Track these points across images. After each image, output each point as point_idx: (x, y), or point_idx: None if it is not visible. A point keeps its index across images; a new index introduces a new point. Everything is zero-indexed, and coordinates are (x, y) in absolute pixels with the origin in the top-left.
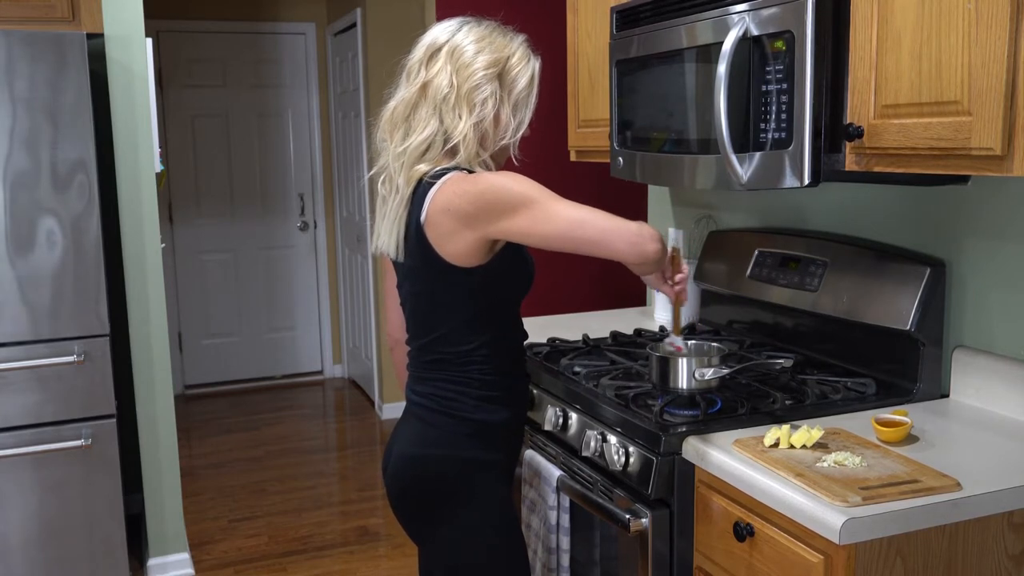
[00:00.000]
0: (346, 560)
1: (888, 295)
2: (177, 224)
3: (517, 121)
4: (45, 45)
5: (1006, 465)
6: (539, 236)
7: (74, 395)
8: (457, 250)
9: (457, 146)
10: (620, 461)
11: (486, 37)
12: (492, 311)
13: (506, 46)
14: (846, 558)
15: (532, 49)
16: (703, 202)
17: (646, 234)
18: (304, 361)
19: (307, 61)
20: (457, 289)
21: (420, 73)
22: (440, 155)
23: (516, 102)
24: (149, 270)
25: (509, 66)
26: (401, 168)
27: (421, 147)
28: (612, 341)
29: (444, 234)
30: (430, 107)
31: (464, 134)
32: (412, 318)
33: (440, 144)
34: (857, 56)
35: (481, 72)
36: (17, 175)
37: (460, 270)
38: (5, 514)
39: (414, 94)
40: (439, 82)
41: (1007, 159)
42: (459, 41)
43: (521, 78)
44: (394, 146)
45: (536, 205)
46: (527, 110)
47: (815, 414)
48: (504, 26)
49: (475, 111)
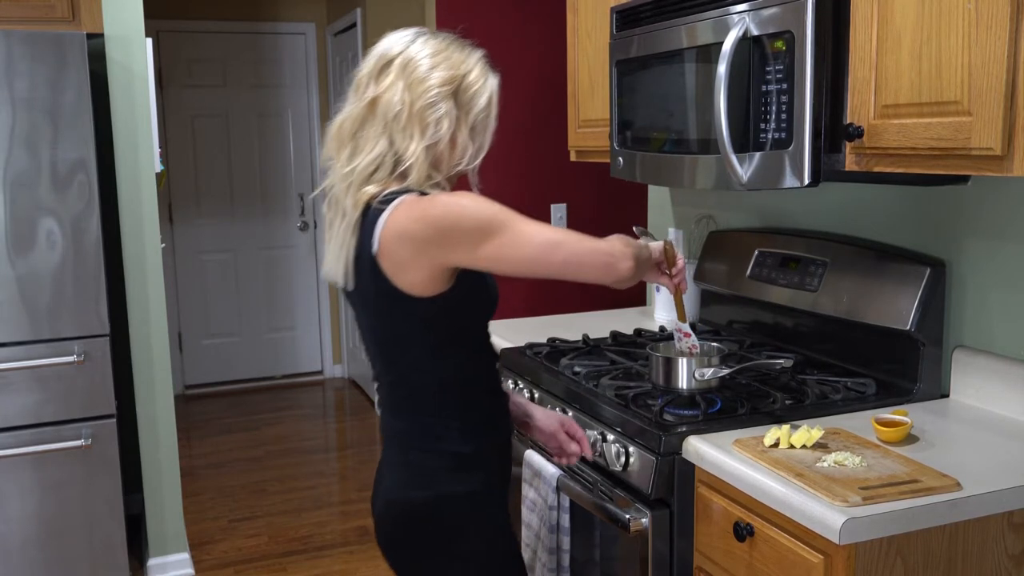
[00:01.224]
0: (346, 560)
1: (888, 295)
2: (177, 224)
3: (476, 145)
4: (45, 45)
5: (1006, 465)
6: (510, 262)
7: (74, 395)
8: (414, 280)
9: (408, 169)
10: (620, 461)
11: (442, 51)
12: (458, 339)
13: (463, 62)
14: (846, 558)
15: (490, 66)
16: (703, 202)
17: (617, 253)
18: (304, 361)
19: (307, 61)
20: (417, 320)
21: (369, 87)
22: (389, 177)
23: (474, 124)
24: (149, 270)
25: (466, 83)
26: (348, 190)
27: (369, 168)
28: (612, 341)
29: (399, 263)
30: (379, 125)
31: (415, 156)
32: (376, 353)
33: (390, 165)
34: (857, 56)
35: (436, 89)
36: (17, 175)
37: (419, 300)
38: (5, 514)
39: (362, 110)
40: (389, 98)
41: (1007, 159)
42: (413, 54)
43: (479, 97)
44: (340, 166)
45: (505, 228)
46: (486, 134)
47: (815, 414)
48: (462, 39)
49: (428, 132)
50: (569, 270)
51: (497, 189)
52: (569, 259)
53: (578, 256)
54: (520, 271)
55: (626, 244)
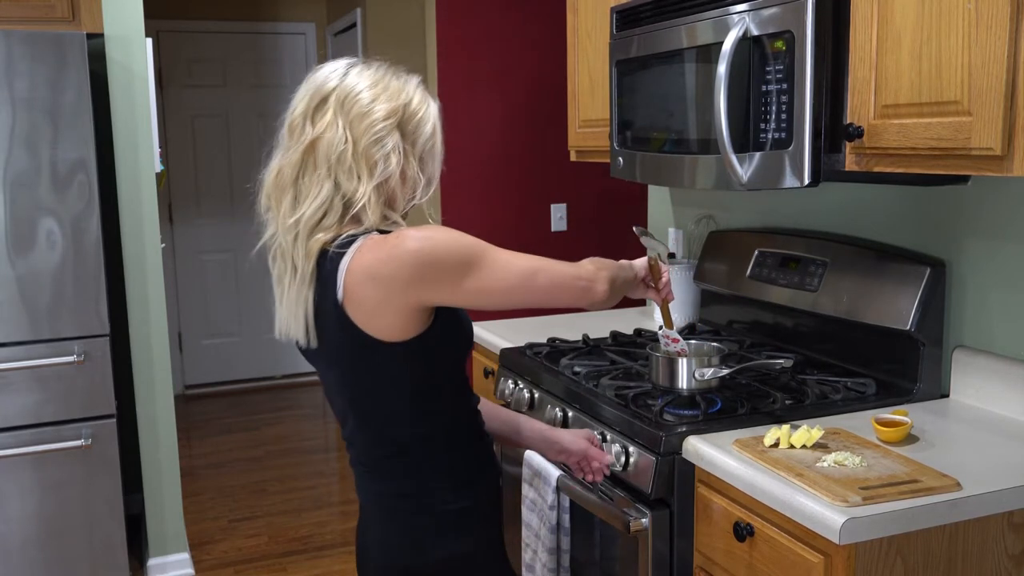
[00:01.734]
0: (346, 560)
1: (888, 295)
2: (177, 224)
3: (427, 176)
4: (45, 45)
5: (1006, 465)
6: (494, 293)
7: (74, 395)
8: (387, 324)
9: (360, 212)
10: (620, 461)
11: (380, 81)
12: (437, 384)
13: (402, 90)
14: (846, 558)
15: (427, 91)
16: (703, 202)
17: (591, 276)
18: (304, 361)
19: (307, 61)
20: (393, 368)
21: (306, 128)
22: (339, 223)
23: (422, 154)
24: (149, 270)
25: (409, 113)
26: (294, 241)
27: (316, 215)
28: (612, 341)
29: (370, 308)
30: (322, 168)
31: (366, 197)
32: (351, 410)
33: (339, 209)
34: (857, 56)
35: (380, 123)
36: (17, 175)
37: (394, 345)
38: (5, 514)
39: (301, 153)
40: (331, 138)
41: (1007, 159)
42: (350, 87)
43: (424, 126)
44: (282, 216)
45: (484, 259)
46: (435, 163)
47: (815, 414)
48: (395, 66)
49: (377, 170)
50: (551, 296)
51: (497, 189)
52: (549, 285)
53: (557, 280)
54: (503, 302)
55: (599, 267)
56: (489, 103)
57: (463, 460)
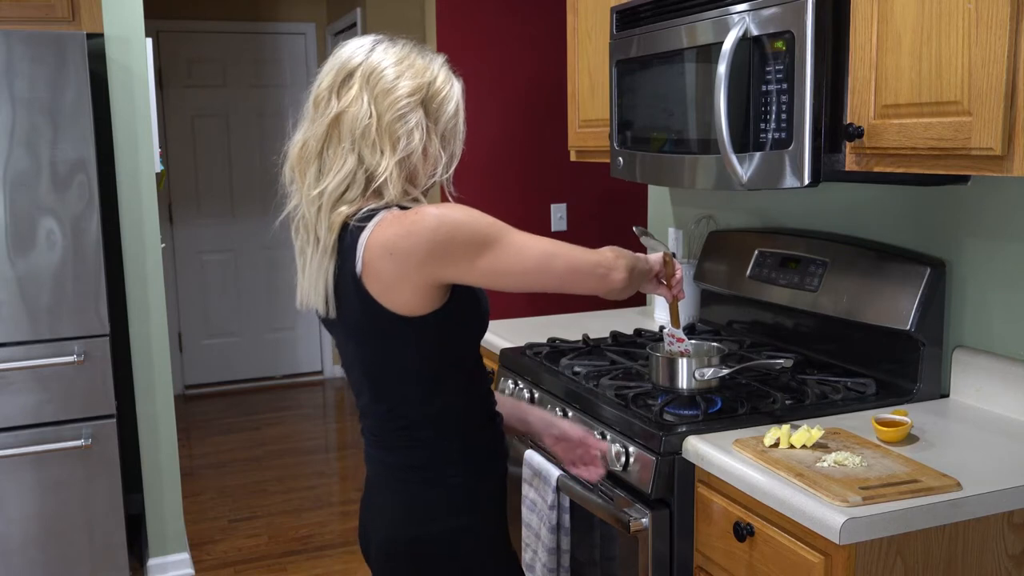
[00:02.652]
0: (346, 560)
1: (888, 295)
2: (177, 224)
3: (448, 154)
4: (45, 45)
5: (1006, 465)
6: (509, 275)
7: (74, 395)
8: (404, 299)
9: (382, 186)
10: (620, 461)
11: (405, 59)
12: (453, 362)
13: (427, 68)
14: (846, 558)
15: (453, 70)
16: (703, 202)
17: (610, 264)
18: (304, 361)
19: (307, 61)
20: (409, 343)
21: (331, 102)
22: (362, 196)
23: (444, 133)
24: (149, 270)
25: (433, 91)
26: (318, 213)
27: (339, 188)
28: (612, 341)
29: (388, 282)
30: (346, 142)
31: (388, 172)
32: (366, 382)
33: (362, 183)
34: (857, 56)
35: (404, 100)
36: (17, 175)
37: (410, 320)
38: (5, 514)
39: (326, 127)
40: (355, 112)
41: (1007, 159)
42: (375, 63)
43: (448, 104)
44: (306, 188)
45: (501, 240)
46: (457, 141)
47: (815, 414)
48: (420, 45)
49: (400, 145)
50: (567, 281)
51: (497, 189)
52: (566, 270)
53: (575, 266)
54: (519, 284)
55: (618, 255)
56: (489, 103)
57: (474, 438)
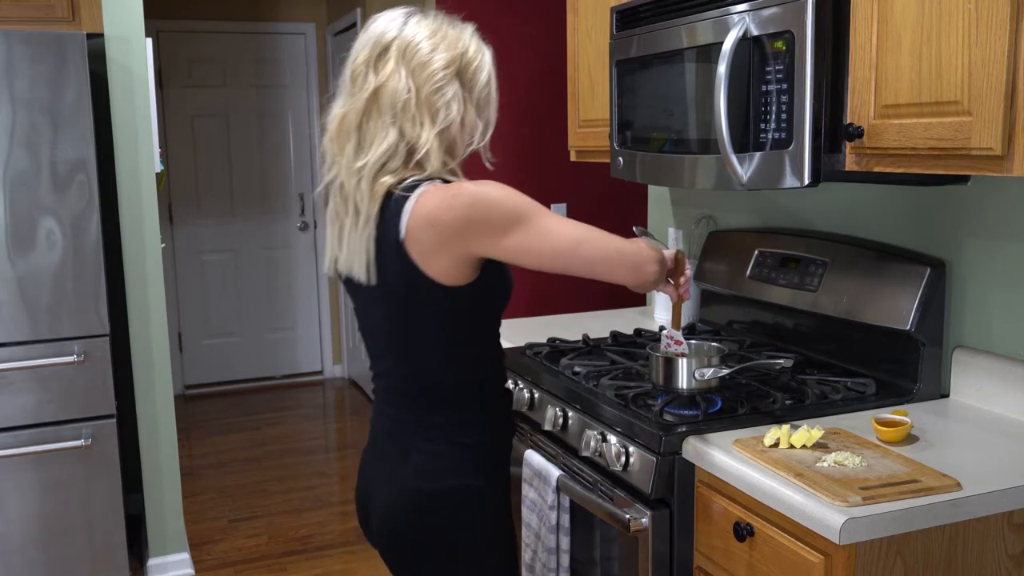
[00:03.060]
0: (346, 560)
1: (888, 295)
2: (177, 224)
3: (484, 122)
4: (45, 45)
5: (1006, 465)
6: (535, 255)
7: (74, 395)
8: (442, 267)
9: (423, 157)
10: (620, 461)
11: (438, 31)
12: (476, 332)
13: (459, 39)
14: (846, 558)
15: (483, 38)
16: (703, 202)
17: (645, 256)
18: (304, 361)
19: (307, 61)
20: (440, 309)
21: (369, 77)
22: (403, 167)
23: (479, 101)
24: (149, 270)
25: (467, 61)
26: (358, 184)
27: (381, 160)
28: (612, 341)
29: (428, 250)
30: (386, 115)
31: (429, 144)
32: (389, 347)
33: (403, 155)
34: (857, 56)
35: (441, 72)
36: (17, 175)
37: (444, 289)
38: (5, 514)
39: (365, 101)
40: (394, 86)
41: (1007, 159)
42: (410, 36)
43: (481, 73)
44: (346, 160)
45: (531, 221)
46: (491, 108)
47: (815, 414)
48: (450, 15)
49: (439, 117)
50: (594, 268)
51: None
52: (594, 257)
53: (603, 254)
54: (544, 264)
55: (651, 247)
56: None
57: (488, 405)
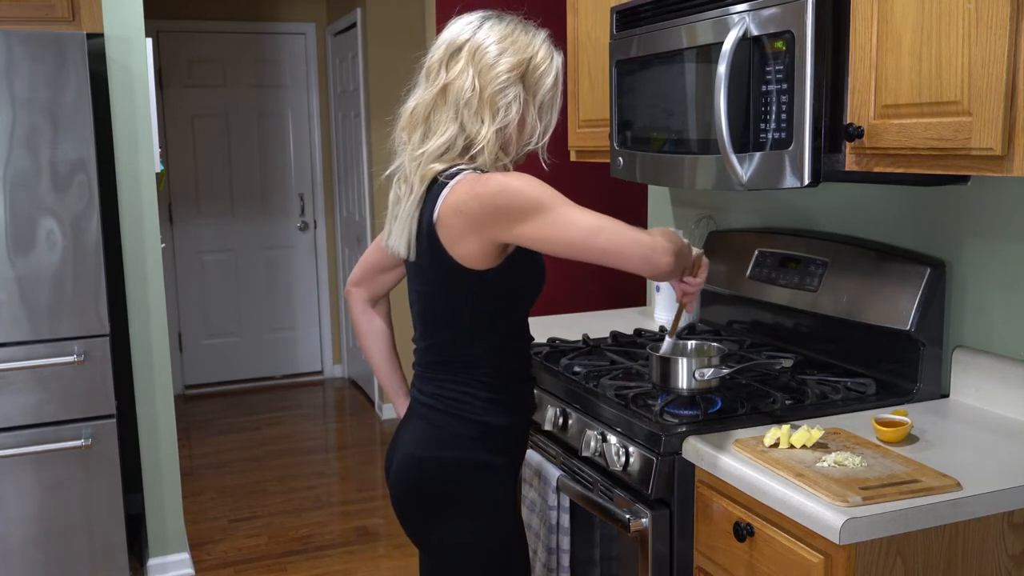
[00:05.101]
0: (346, 560)
1: (888, 295)
2: (177, 224)
3: (544, 124)
4: (45, 45)
5: (1006, 465)
6: (552, 243)
7: (74, 395)
8: (467, 251)
9: (479, 152)
10: (620, 461)
11: (508, 36)
12: (500, 315)
13: (529, 44)
14: (846, 558)
15: (555, 44)
16: (703, 202)
17: (660, 248)
18: (304, 361)
19: (307, 61)
20: (466, 291)
21: (440, 74)
22: (459, 159)
23: (542, 104)
24: (149, 270)
25: (533, 66)
26: (417, 169)
27: (440, 149)
28: (612, 341)
29: (455, 235)
30: (451, 110)
31: (487, 139)
32: (420, 318)
33: (460, 147)
34: (857, 56)
35: (505, 75)
36: (17, 175)
37: (470, 272)
38: (5, 514)
39: (434, 95)
40: (460, 84)
41: (1007, 159)
42: (481, 40)
43: (546, 78)
44: (411, 147)
45: (550, 210)
46: (553, 112)
47: (815, 414)
48: (526, 21)
49: (498, 116)
50: (609, 258)
51: None
52: (609, 246)
53: (619, 245)
54: (560, 252)
55: (669, 239)
56: None
57: (501, 388)
